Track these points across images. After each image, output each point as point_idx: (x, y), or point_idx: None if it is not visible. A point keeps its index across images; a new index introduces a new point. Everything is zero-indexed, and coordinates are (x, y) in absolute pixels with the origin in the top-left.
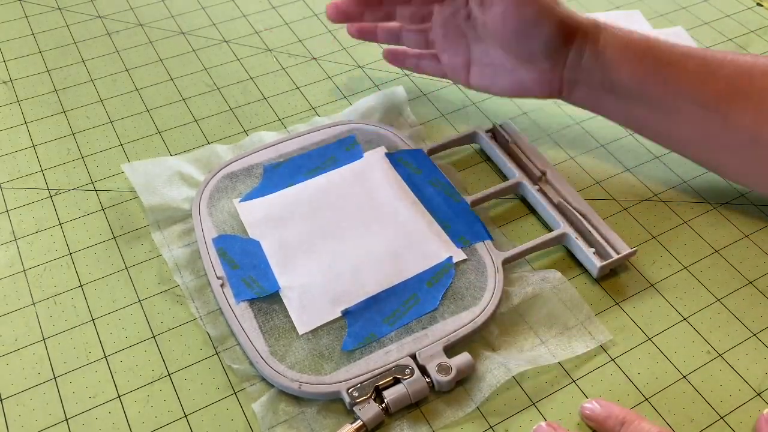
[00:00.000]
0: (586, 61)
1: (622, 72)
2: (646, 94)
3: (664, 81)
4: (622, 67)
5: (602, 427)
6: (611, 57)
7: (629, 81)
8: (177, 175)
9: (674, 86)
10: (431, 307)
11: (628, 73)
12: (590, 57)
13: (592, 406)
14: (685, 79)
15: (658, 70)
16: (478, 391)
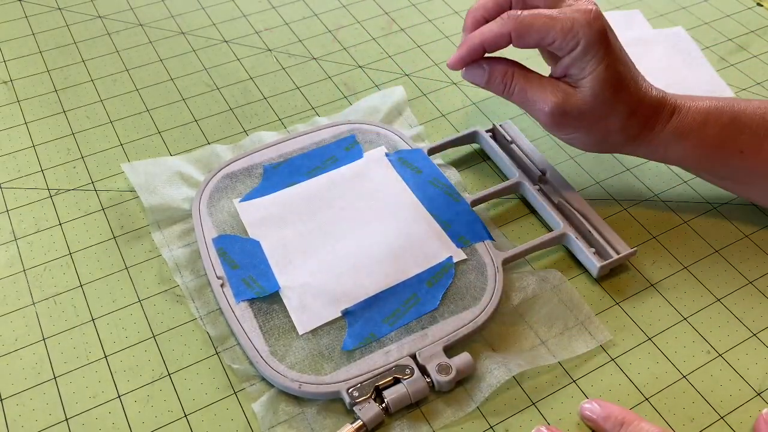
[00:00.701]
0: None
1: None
2: (717, 174)
3: (738, 167)
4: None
5: (601, 428)
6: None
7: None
8: (177, 175)
9: (750, 169)
10: (431, 307)
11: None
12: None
13: (591, 407)
14: (762, 160)
15: (733, 156)
16: (478, 391)
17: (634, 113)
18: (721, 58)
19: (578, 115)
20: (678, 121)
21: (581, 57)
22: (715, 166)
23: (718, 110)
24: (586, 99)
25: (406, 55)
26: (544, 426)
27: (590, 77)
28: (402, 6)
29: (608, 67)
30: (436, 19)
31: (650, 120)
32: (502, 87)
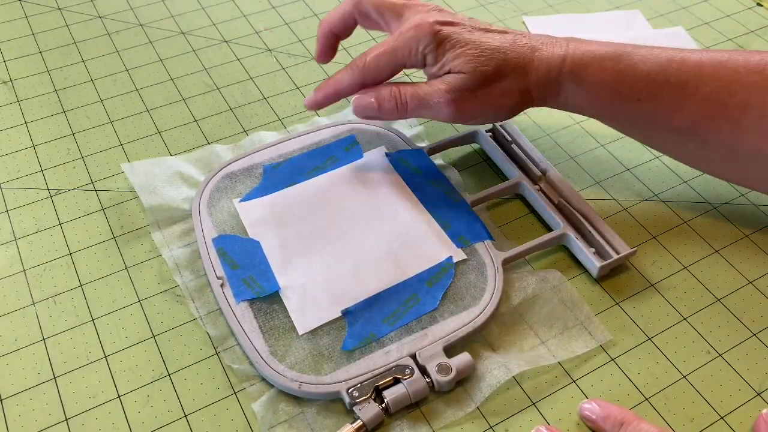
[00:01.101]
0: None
1: (588, 111)
2: (618, 125)
3: (636, 116)
4: (588, 109)
5: (601, 428)
6: (576, 104)
7: (600, 117)
8: (177, 175)
9: (646, 119)
10: (431, 307)
11: (595, 112)
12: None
13: (590, 407)
14: (658, 111)
15: (628, 107)
16: (478, 391)
17: (519, 72)
18: None
19: (473, 91)
20: (571, 66)
21: (435, 63)
22: (612, 112)
23: (615, 56)
24: (469, 79)
25: None
26: (543, 426)
27: (457, 69)
28: None
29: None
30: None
31: (541, 73)
32: (394, 103)
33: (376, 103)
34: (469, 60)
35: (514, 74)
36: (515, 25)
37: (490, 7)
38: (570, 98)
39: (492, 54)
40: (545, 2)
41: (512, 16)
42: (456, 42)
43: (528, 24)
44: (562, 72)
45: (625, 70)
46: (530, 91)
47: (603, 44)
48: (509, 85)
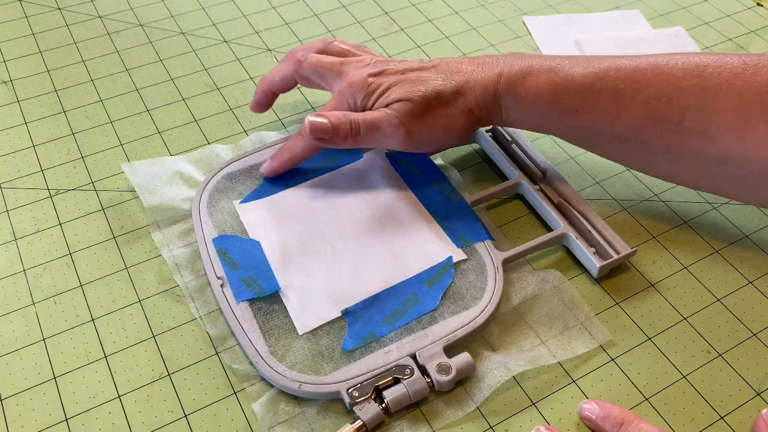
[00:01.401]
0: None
1: (530, 125)
2: (561, 136)
3: (576, 127)
4: (529, 123)
5: (601, 428)
6: (517, 119)
7: (541, 129)
8: (177, 175)
9: (585, 129)
10: (431, 307)
11: (536, 125)
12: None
13: (590, 407)
14: (597, 120)
15: (567, 119)
16: (478, 391)
17: (457, 95)
18: None
19: (420, 116)
20: (507, 83)
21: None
22: (553, 125)
23: (550, 69)
24: (413, 105)
25: (406, 55)
26: (543, 426)
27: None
28: (402, 6)
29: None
30: (436, 19)
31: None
32: (349, 126)
33: (330, 125)
34: (408, 89)
35: (454, 97)
36: (515, 26)
37: (490, 7)
38: (511, 114)
39: (428, 83)
40: (545, 2)
41: (512, 16)
42: (388, 86)
43: (528, 24)
44: (499, 89)
45: (561, 82)
46: (473, 110)
47: (539, 57)
48: (452, 107)
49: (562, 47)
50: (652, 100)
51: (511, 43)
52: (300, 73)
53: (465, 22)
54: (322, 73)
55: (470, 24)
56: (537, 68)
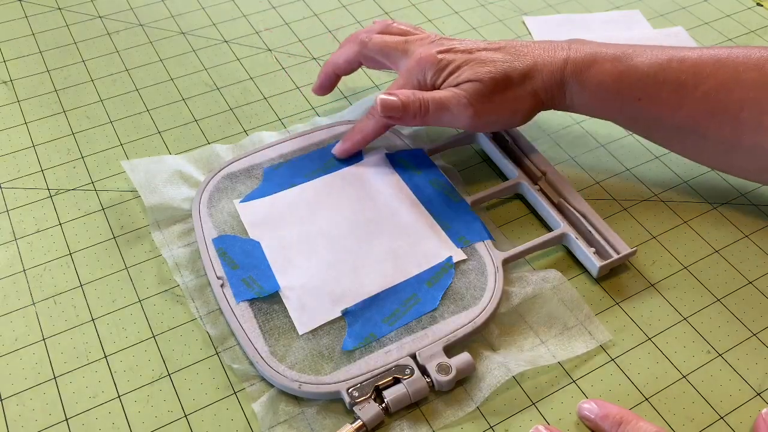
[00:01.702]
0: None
1: (591, 111)
2: (620, 123)
3: (637, 115)
4: (591, 109)
5: (600, 427)
6: (580, 104)
7: (602, 116)
8: (177, 174)
9: (646, 118)
10: (431, 307)
11: (598, 111)
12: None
13: (589, 406)
14: (658, 109)
15: (629, 107)
16: (478, 391)
17: (526, 77)
18: None
19: (489, 96)
20: (573, 69)
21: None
22: (614, 112)
23: (615, 57)
24: (483, 85)
25: None
26: (543, 426)
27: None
28: (402, 6)
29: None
30: (436, 19)
31: (546, 76)
32: (418, 104)
33: (401, 103)
34: (477, 70)
35: (522, 79)
36: (515, 26)
37: (490, 7)
38: (575, 99)
39: (497, 64)
40: (545, 2)
41: (512, 16)
42: (461, 62)
43: (528, 24)
44: (565, 74)
45: (625, 71)
46: (538, 93)
47: (604, 45)
48: (520, 90)
49: None
50: (712, 92)
51: None
52: (365, 54)
53: (465, 22)
54: (388, 53)
55: (470, 24)
56: (602, 56)
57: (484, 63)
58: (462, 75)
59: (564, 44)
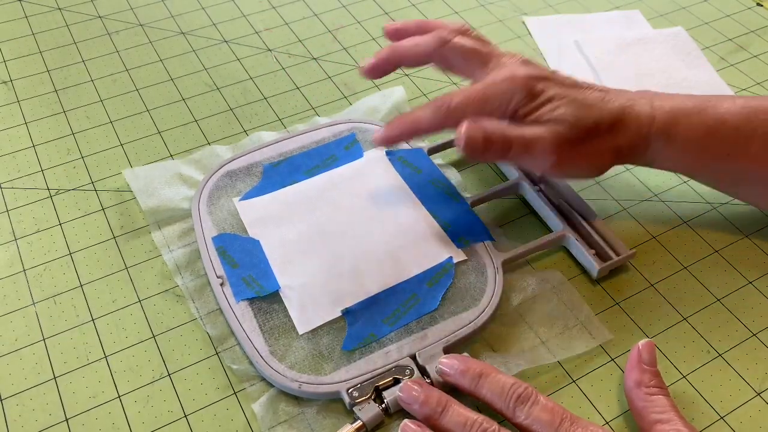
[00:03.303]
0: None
1: (674, 167)
2: (702, 179)
3: (724, 170)
4: (674, 165)
5: (459, 383)
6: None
7: (686, 173)
8: (176, 176)
9: (733, 172)
10: (431, 308)
11: (681, 167)
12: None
13: (449, 362)
14: (746, 163)
15: (714, 162)
16: None
17: (613, 130)
18: (721, 58)
19: (574, 144)
20: (661, 125)
21: (527, 117)
22: (701, 168)
23: (701, 110)
24: (571, 130)
25: None
26: (410, 420)
27: (558, 119)
28: (402, 6)
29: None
30: (436, 19)
31: (632, 131)
32: (501, 144)
33: (482, 141)
34: (569, 112)
35: (609, 131)
36: (515, 26)
37: (490, 7)
38: (657, 156)
39: (589, 109)
40: (545, 2)
41: (512, 16)
42: (552, 96)
43: (528, 24)
44: (652, 130)
45: (713, 125)
46: (621, 149)
47: (687, 98)
48: (604, 142)
49: (562, 47)
50: None
51: (511, 43)
52: (442, 53)
53: (465, 22)
54: (469, 58)
55: (470, 24)
56: (687, 110)
57: (577, 104)
58: (557, 111)
59: (645, 97)
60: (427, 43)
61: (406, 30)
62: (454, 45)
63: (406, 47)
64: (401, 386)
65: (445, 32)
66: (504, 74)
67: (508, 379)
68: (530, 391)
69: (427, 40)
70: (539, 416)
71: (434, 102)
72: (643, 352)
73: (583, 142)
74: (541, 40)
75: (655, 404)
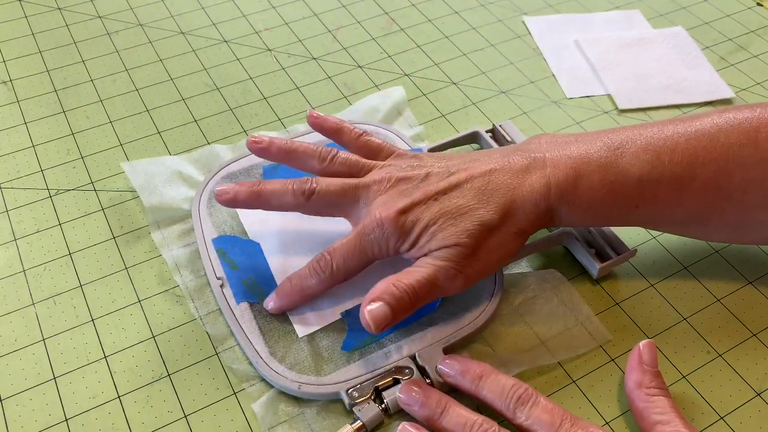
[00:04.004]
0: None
1: (586, 224)
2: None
3: (636, 220)
4: (585, 222)
5: (460, 384)
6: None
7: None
8: (177, 175)
9: (645, 220)
10: (431, 310)
11: (593, 223)
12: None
13: (449, 363)
14: (657, 211)
15: (624, 213)
16: None
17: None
18: (721, 58)
19: (472, 255)
20: (557, 193)
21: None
22: (611, 221)
23: (601, 167)
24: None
25: (406, 55)
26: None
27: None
28: (402, 6)
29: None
30: (436, 19)
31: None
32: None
33: (391, 312)
34: (450, 234)
35: (502, 222)
36: (515, 25)
37: (490, 7)
38: (564, 220)
39: (470, 215)
40: (545, 2)
41: (512, 16)
42: (425, 225)
43: (528, 24)
44: (550, 201)
45: (615, 180)
46: (524, 230)
47: (584, 147)
48: (502, 235)
49: (562, 47)
50: (711, 181)
51: (511, 42)
52: (308, 210)
53: (465, 22)
54: (336, 204)
55: (470, 24)
56: (585, 168)
57: (455, 218)
58: (434, 242)
59: (536, 160)
60: (287, 195)
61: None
62: (317, 198)
63: (268, 197)
64: (401, 387)
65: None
66: (372, 220)
67: (508, 380)
68: (530, 392)
69: (287, 192)
70: (539, 417)
71: (314, 266)
72: (644, 352)
73: (479, 248)
74: (541, 40)
75: (656, 405)
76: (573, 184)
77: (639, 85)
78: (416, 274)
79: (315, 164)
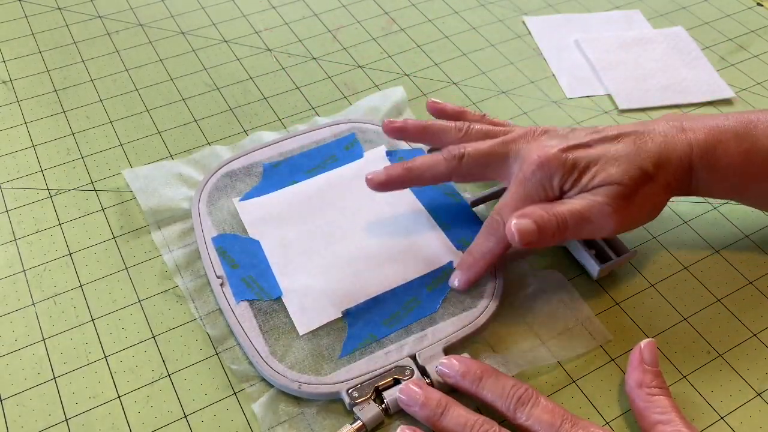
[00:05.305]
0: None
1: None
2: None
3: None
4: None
5: (460, 384)
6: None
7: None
8: (176, 177)
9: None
10: (431, 311)
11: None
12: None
13: (449, 363)
14: None
15: (756, 184)
16: None
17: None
18: (721, 58)
19: (630, 198)
20: (699, 153)
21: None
22: (743, 193)
23: (737, 135)
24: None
25: (406, 55)
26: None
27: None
28: (402, 6)
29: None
30: (436, 19)
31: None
32: (555, 224)
33: (536, 228)
34: (613, 171)
35: (655, 173)
36: (515, 25)
37: (490, 7)
38: (700, 184)
39: (629, 160)
40: (545, 2)
41: (512, 16)
42: (588, 163)
43: (528, 24)
44: (693, 160)
45: (750, 148)
46: (671, 184)
47: (718, 120)
48: (655, 186)
49: (562, 47)
50: None
51: (511, 42)
52: (460, 172)
53: (465, 22)
54: (488, 163)
55: (470, 24)
56: (722, 136)
57: (617, 160)
58: (598, 177)
59: (672, 123)
60: (439, 164)
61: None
62: (470, 159)
63: (421, 169)
64: (401, 387)
65: (456, 149)
66: (532, 162)
67: (509, 380)
68: (531, 393)
69: (438, 161)
70: (540, 417)
71: (488, 229)
72: (645, 351)
73: (636, 193)
74: (541, 39)
75: (657, 405)
76: (712, 147)
77: (639, 85)
78: (569, 204)
79: (452, 137)
